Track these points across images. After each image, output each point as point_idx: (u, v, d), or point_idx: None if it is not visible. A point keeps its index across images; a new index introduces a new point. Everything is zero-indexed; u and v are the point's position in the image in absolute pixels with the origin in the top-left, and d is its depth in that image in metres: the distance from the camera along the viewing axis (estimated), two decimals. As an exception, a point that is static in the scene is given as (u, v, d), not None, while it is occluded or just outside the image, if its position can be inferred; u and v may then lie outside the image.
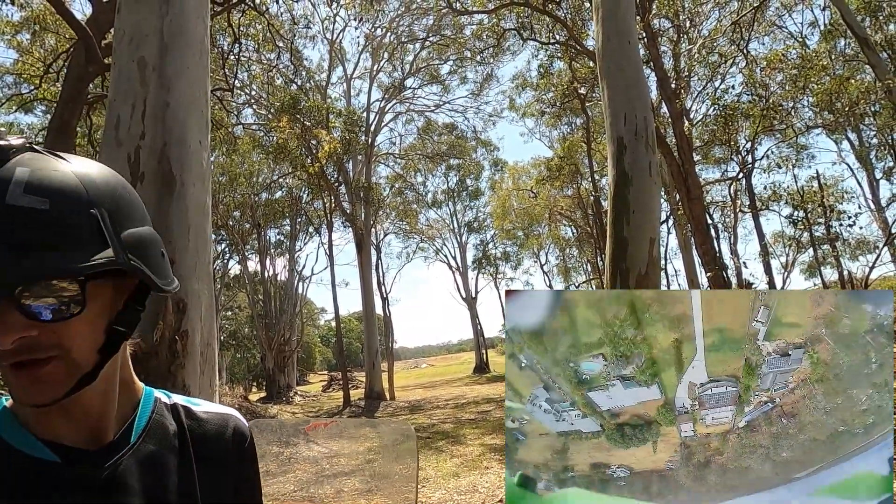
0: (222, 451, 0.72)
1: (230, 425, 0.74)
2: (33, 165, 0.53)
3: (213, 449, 0.71)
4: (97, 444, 0.62)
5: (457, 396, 16.45)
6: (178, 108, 2.71)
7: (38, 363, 0.54)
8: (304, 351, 34.21)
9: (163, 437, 0.68)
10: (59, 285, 0.52)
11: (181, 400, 0.74)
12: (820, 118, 14.84)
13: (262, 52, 14.60)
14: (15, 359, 0.53)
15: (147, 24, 2.77)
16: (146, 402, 0.70)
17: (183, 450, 0.68)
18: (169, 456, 0.67)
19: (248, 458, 0.76)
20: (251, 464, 0.76)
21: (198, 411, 0.73)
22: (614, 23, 5.21)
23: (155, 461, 0.65)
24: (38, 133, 14.64)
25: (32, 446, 0.59)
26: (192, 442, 0.69)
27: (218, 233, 20.71)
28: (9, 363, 0.53)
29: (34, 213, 0.50)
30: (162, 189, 2.57)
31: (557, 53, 15.18)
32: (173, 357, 2.42)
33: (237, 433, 0.74)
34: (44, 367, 0.54)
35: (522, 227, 26.11)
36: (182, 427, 0.70)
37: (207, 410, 0.74)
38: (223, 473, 0.71)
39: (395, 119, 22.16)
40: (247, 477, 0.75)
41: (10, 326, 0.51)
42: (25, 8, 10.65)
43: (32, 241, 0.50)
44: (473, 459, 7.40)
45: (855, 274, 13.40)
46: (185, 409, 0.73)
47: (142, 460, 0.64)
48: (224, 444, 0.72)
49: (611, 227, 4.94)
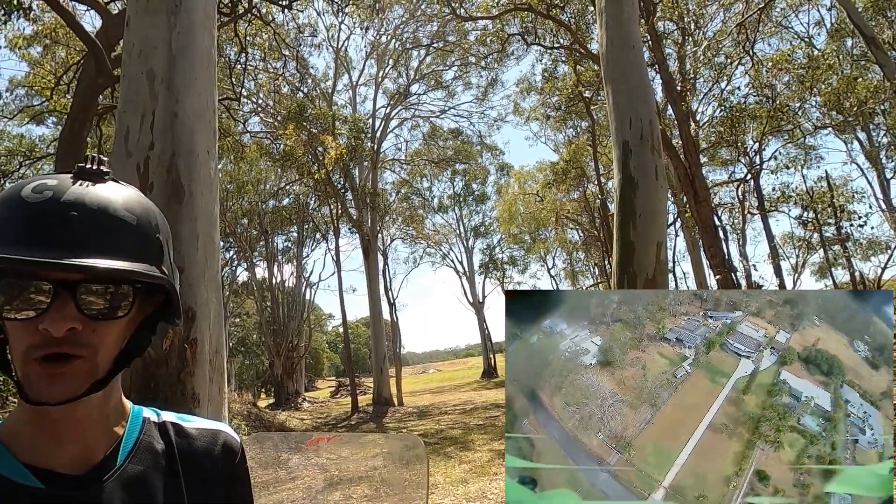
0: (212, 467, 0.72)
1: (219, 441, 0.74)
2: (125, 190, 0.64)
3: (202, 465, 0.71)
4: (85, 468, 0.63)
5: (465, 402, 16.39)
6: (186, 119, 2.75)
7: (68, 359, 0.57)
8: (311, 357, 34.29)
9: (150, 458, 0.68)
10: (118, 289, 0.60)
11: (171, 417, 0.74)
12: (828, 118, 14.72)
13: (268, 60, 14.76)
14: (52, 349, 0.56)
15: (156, 36, 2.82)
16: (134, 422, 0.70)
17: (171, 469, 0.68)
18: (157, 476, 0.67)
19: (239, 473, 0.76)
20: (242, 479, 0.76)
21: (188, 427, 0.74)
22: (618, 27, 5.21)
23: (141, 482, 0.65)
24: (49, 144, 14.87)
25: (17, 472, 0.60)
26: (181, 459, 0.70)
27: (226, 240, 20.87)
28: (43, 354, 0.57)
29: (127, 226, 0.60)
30: (171, 198, 2.60)
31: (562, 57, 15.21)
32: (183, 365, 2.44)
33: (226, 448, 0.74)
34: (71, 363, 0.58)
35: (529, 230, 26.06)
36: (171, 445, 0.70)
37: (198, 427, 0.75)
38: (213, 490, 0.71)
39: (400, 125, 22.28)
40: (238, 491, 0.75)
41: (66, 316, 0.56)
42: (37, 22, 10.85)
43: (123, 246, 0.59)
44: (482, 465, 7.36)
45: (867, 275, 13.25)
46: (175, 427, 0.73)
47: (127, 482, 0.64)
48: (213, 460, 0.72)
49: (618, 230, 4.92)
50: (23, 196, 0.57)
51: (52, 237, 0.56)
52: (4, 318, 0.57)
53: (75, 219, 0.57)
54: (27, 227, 0.56)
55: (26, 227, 0.56)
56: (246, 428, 10.70)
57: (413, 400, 18.55)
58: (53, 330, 0.56)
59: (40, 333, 0.56)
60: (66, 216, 0.57)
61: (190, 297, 2.51)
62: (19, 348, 0.57)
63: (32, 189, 0.58)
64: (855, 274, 13.68)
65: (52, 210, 0.57)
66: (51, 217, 0.57)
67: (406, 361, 40.28)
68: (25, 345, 0.57)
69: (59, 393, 0.57)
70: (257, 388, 29.47)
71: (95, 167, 0.62)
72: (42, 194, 0.58)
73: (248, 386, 29.93)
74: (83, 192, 0.59)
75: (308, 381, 31.92)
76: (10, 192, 0.59)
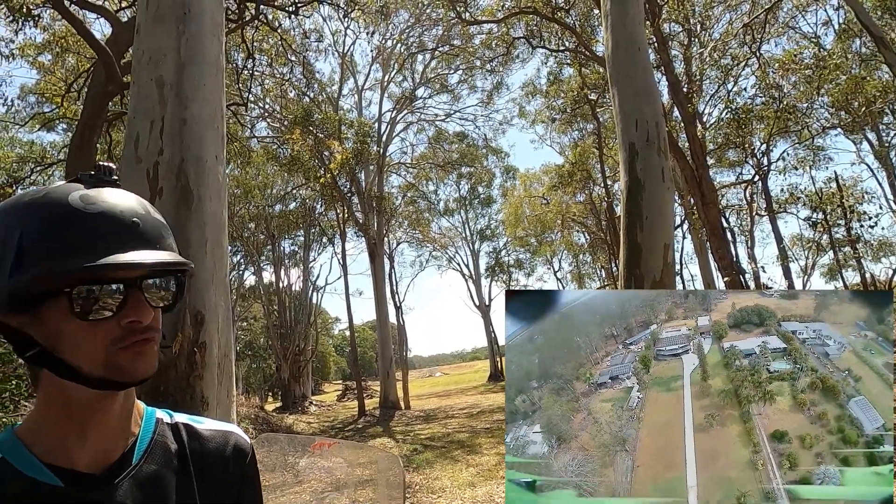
0: (223, 467, 0.74)
1: (231, 442, 0.76)
2: (135, 195, 0.69)
3: (213, 466, 0.73)
4: (102, 466, 0.65)
5: (471, 405, 16.35)
6: (194, 125, 2.77)
7: (147, 341, 0.65)
8: (318, 360, 34.35)
9: (164, 457, 0.70)
10: (168, 280, 0.67)
11: (184, 418, 0.76)
12: (836, 118, 14.60)
13: (274, 66, 14.85)
14: (140, 336, 0.64)
15: (165, 43, 2.85)
16: (148, 422, 0.72)
17: (184, 468, 0.70)
18: (170, 475, 0.69)
19: (250, 474, 0.77)
20: (252, 479, 0.78)
21: (200, 429, 0.76)
22: (623, 29, 5.21)
23: (155, 481, 0.67)
24: (60, 150, 15.06)
25: (37, 471, 0.62)
26: (192, 460, 0.72)
27: (233, 244, 21.00)
28: (134, 341, 0.63)
29: (164, 225, 0.69)
30: (180, 203, 2.63)
31: (567, 60, 15.20)
32: (192, 368, 2.46)
33: (237, 449, 0.76)
34: (149, 343, 0.65)
35: (535, 233, 26.01)
36: (183, 446, 0.72)
37: (209, 428, 0.77)
38: (224, 490, 0.73)
39: (406, 129, 22.34)
40: (248, 492, 0.77)
41: (144, 307, 0.64)
42: (48, 30, 11.00)
43: (168, 244, 0.67)
44: (489, 469, 7.33)
45: (878, 276, 13.09)
46: (187, 428, 0.75)
47: (143, 481, 0.66)
48: (224, 460, 0.74)
49: (624, 233, 4.91)
50: (77, 207, 0.62)
51: (123, 242, 0.62)
52: (90, 319, 0.61)
53: (137, 225, 0.64)
54: (99, 236, 0.62)
55: (98, 236, 0.62)
56: (253, 431, 10.74)
57: (420, 403, 18.53)
58: (144, 320, 0.63)
59: (121, 327, 0.62)
60: (132, 223, 0.64)
61: (199, 302, 2.53)
62: (97, 344, 0.62)
63: (82, 200, 0.63)
64: (865, 275, 13.52)
65: (118, 218, 0.63)
66: (119, 224, 0.63)
67: (412, 365, 40.25)
68: (107, 339, 0.62)
69: (147, 368, 0.64)
70: (264, 391, 29.54)
71: (111, 177, 0.67)
72: (96, 204, 0.63)
73: (255, 389, 30.05)
74: (128, 200, 0.66)
75: (315, 384, 31.98)
76: (57, 206, 0.62)
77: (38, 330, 0.62)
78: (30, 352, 0.63)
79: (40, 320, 0.62)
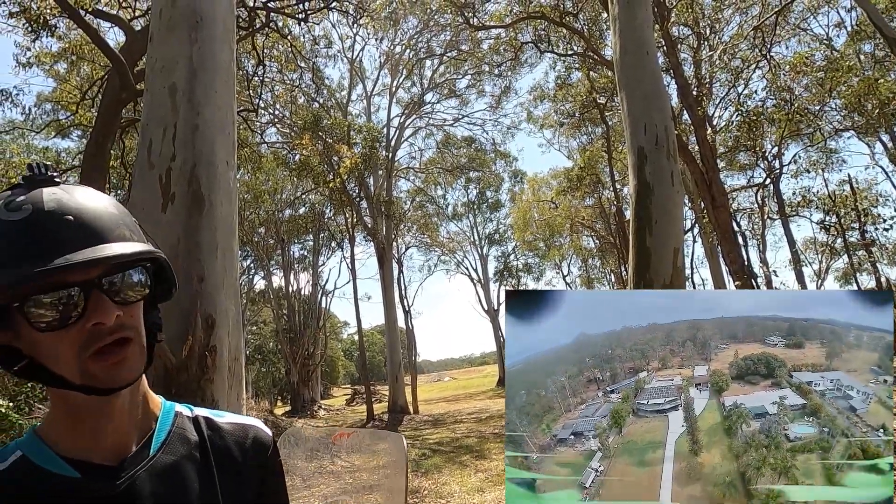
0: (243, 460, 0.74)
1: (250, 435, 0.76)
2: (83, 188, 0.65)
3: (233, 458, 0.73)
4: (118, 459, 0.66)
5: (480, 410, 16.29)
6: (206, 131, 2.81)
7: (125, 343, 0.62)
8: (327, 365, 34.43)
9: (183, 449, 0.70)
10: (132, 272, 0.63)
11: (204, 412, 0.77)
12: (849, 120, 14.41)
13: (284, 72, 15.02)
14: (108, 339, 0.60)
15: (177, 51, 2.90)
16: (166, 415, 0.73)
17: (204, 460, 0.71)
18: (190, 466, 0.69)
19: (271, 467, 0.77)
20: (274, 472, 0.78)
21: (220, 422, 0.76)
22: (632, 33, 5.20)
23: (174, 472, 0.68)
24: (74, 157, 15.31)
25: (56, 464, 0.64)
26: (213, 452, 0.72)
27: (243, 249, 21.17)
28: (102, 345, 0.60)
29: (113, 216, 0.63)
30: (192, 208, 2.66)
31: (575, 64, 15.19)
32: (202, 372, 2.48)
33: (257, 442, 0.76)
34: (128, 347, 0.62)
35: (544, 237, 25.92)
36: (203, 438, 0.72)
37: (230, 421, 0.77)
38: (245, 481, 0.73)
39: (414, 134, 22.41)
40: (270, 485, 0.77)
41: (107, 307, 0.60)
42: (63, 39, 11.23)
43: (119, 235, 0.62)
44: (498, 474, 7.29)
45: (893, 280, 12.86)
46: (207, 421, 0.75)
47: (160, 472, 0.67)
48: (244, 453, 0.74)
49: (634, 237, 4.88)
50: (2, 218, 0.58)
51: (59, 244, 0.58)
52: (46, 332, 0.59)
53: (71, 222, 0.59)
54: (31, 243, 0.57)
55: (29, 243, 0.57)
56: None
57: (428, 408, 18.49)
58: (106, 321, 0.59)
59: (87, 332, 0.60)
60: (63, 221, 0.59)
61: (210, 305, 2.56)
62: (67, 353, 0.60)
63: (6, 207, 0.59)
64: (881, 279, 13.30)
65: (45, 220, 0.58)
66: (48, 226, 0.58)
67: (421, 369, 40.17)
68: (75, 347, 0.60)
69: (126, 376, 0.62)
70: (274, 395, 29.65)
71: (47, 173, 0.63)
72: (22, 209, 0.59)
73: (264, 393, 30.15)
74: (61, 197, 0.61)
75: (324, 388, 32.04)
76: None
77: (22, 343, 0.62)
78: (17, 365, 0.62)
79: (19, 334, 0.61)
